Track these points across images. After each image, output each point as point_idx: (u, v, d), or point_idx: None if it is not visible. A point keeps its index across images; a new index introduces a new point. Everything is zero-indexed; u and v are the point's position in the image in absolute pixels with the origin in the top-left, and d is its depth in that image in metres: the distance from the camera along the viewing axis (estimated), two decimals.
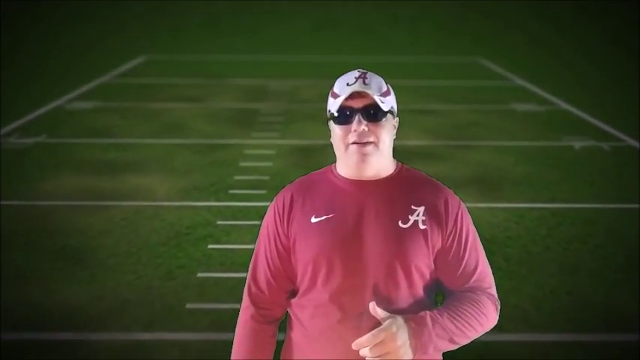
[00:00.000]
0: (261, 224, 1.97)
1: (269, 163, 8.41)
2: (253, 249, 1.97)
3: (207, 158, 8.66)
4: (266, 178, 7.80)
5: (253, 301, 1.85)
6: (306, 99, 12.54)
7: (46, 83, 14.18)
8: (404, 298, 1.71)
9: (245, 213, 6.77)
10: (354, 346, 1.60)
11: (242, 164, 8.43)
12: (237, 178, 7.87)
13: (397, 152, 1.93)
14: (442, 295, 1.87)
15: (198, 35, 24.42)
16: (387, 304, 1.68)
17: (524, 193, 7.45)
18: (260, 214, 6.76)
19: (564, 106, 12.23)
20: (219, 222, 6.53)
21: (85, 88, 13.63)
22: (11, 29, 24.34)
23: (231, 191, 7.41)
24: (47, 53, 19.01)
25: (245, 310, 1.87)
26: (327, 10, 34.42)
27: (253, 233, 6.18)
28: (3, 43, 20.47)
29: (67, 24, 27.62)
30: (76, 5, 34.26)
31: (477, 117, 11.23)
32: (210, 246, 5.99)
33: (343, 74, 1.79)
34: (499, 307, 1.82)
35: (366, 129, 1.71)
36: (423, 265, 1.74)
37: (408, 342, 1.59)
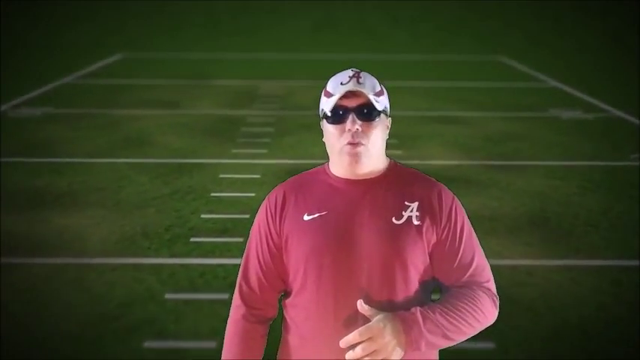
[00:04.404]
0: (251, 228, 1.83)
1: (251, 194, 6.24)
2: (214, 348, 2.03)
3: (169, 186, 6.48)
4: (245, 217, 5.62)
5: (244, 301, 1.79)
6: (302, 104, 10.37)
7: None
8: (400, 295, 1.66)
9: (208, 279, 4.59)
10: (342, 343, 1.57)
11: (214, 194, 6.26)
12: (204, 217, 5.70)
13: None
14: (439, 291, 1.76)
15: (190, 34, 22.30)
16: (382, 302, 1.63)
17: (607, 242, 5.29)
18: (230, 280, 4.57)
19: (616, 112, 10.06)
20: (168, 295, 4.36)
21: (39, 91, 11.46)
22: None
23: (194, 239, 5.24)
24: (6, 52, 16.81)
25: (236, 309, 1.80)
26: (327, 10, 32.51)
27: (217, 318, 4.02)
28: None
29: (33, 20, 25.48)
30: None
31: (514, 127, 9.06)
32: (147, 344, 3.81)
33: (336, 73, 1.74)
34: (498, 302, 1.74)
35: (360, 129, 1.68)
36: (418, 261, 1.68)
37: (397, 339, 1.55)
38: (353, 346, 1.56)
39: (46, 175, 6.77)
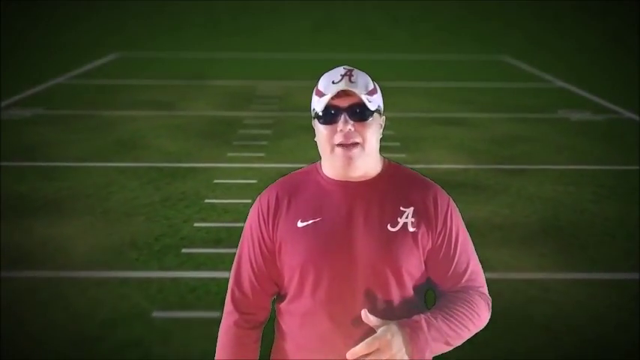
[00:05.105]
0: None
1: (247, 200, 5.91)
2: None
3: (161, 192, 6.16)
4: (240, 225, 5.26)
5: (237, 307, 1.73)
6: (301, 105, 10.03)
7: None
8: (395, 302, 1.64)
9: (200, 294, 4.27)
10: (349, 355, 1.52)
11: (208, 201, 5.93)
12: (197, 225, 5.38)
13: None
14: (432, 291, 1.77)
15: (190, 34, 21.99)
16: (378, 309, 1.61)
17: (626, 253, 4.95)
18: (223, 296, 4.04)
19: (626, 114, 9.74)
20: (156, 313, 4.03)
21: (31, 91, 11.13)
22: None
23: (186, 250, 4.92)
24: (3, 52, 16.48)
25: (228, 315, 1.74)
26: (327, 10, 32.21)
27: (209, 339, 3.69)
28: None
29: (33, 20, 25.15)
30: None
31: (522, 129, 8.73)
32: None
33: (328, 71, 1.67)
34: (490, 305, 1.73)
35: (352, 129, 1.61)
36: (413, 268, 1.65)
37: (404, 349, 1.52)
38: (360, 357, 1.52)
39: (31, 181, 6.45)
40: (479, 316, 1.67)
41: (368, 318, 1.55)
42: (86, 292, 4.28)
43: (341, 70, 1.65)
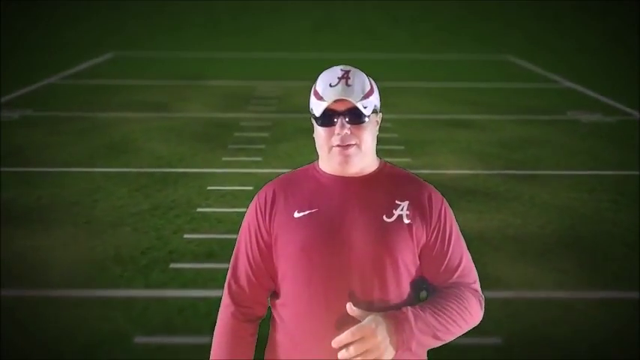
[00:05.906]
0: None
1: (241, 209, 5.49)
2: None
3: (150, 200, 5.78)
4: (234, 237, 4.88)
5: (234, 299, 1.75)
6: (301, 106, 9.64)
7: None
8: (390, 293, 1.63)
9: (188, 316, 3.88)
10: (334, 343, 1.53)
11: (200, 210, 5.55)
12: (187, 237, 5.00)
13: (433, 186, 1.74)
14: (426, 290, 1.76)
15: (189, 34, 21.62)
16: (373, 300, 1.61)
17: None
18: (213, 318, 3.69)
19: (639, 115, 9.36)
20: (138, 339, 3.65)
21: (20, 91, 10.74)
22: None
23: (174, 265, 4.54)
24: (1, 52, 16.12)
25: (225, 308, 1.76)
26: (327, 10, 31.87)
27: None
28: None
29: (33, 20, 24.78)
30: None
31: (531, 131, 8.35)
32: None
33: (326, 70, 1.71)
34: (483, 303, 1.74)
35: (349, 132, 1.65)
36: (408, 260, 1.66)
37: (389, 338, 1.53)
38: (345, 346, 1.52)
39: (14, 187, 6.06)
40: (470, 313, 1.67)
41: (353, 310, 1.55)
42: (63, 313, 3.90)
43: (338, 72, 1.67)
